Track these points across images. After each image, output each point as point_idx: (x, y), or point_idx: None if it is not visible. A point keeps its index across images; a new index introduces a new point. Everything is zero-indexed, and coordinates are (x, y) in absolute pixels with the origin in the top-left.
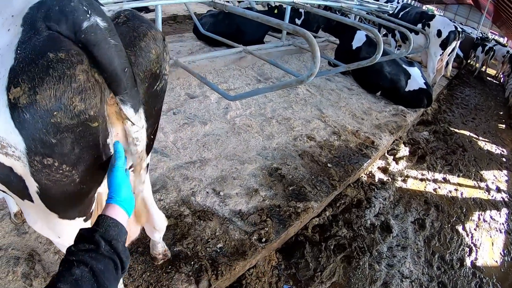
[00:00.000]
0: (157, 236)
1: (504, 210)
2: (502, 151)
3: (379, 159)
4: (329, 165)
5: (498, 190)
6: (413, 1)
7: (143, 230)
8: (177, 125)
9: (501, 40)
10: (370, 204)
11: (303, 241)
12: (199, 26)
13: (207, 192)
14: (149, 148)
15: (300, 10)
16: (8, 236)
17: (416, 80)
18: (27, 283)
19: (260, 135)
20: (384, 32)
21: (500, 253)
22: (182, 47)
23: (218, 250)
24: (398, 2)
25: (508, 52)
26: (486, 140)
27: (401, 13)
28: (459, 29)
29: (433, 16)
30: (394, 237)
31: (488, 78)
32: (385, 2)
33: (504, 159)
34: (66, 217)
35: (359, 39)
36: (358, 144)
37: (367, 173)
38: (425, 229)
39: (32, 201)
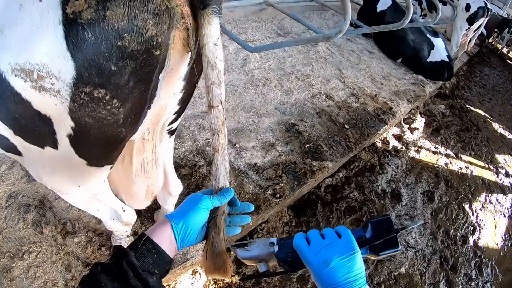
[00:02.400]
0: (171, 203)
1: (510, 195)
2: None
3: (395, 126)
4: (346, 126)
5: (507, 174)
6: None
7: None
8: (195, 110)
9: None
10: (382, 170)
11: (315, 200)
12: None
13: None
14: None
15: None
16: (19, 183)
17: (439, 51)
18: (37, 231)
19: (279, 90)
20: None
21: (502, 237)
22: None
23: None
24: None
25: None
26: (500, 122)
27: None
28: (489, 6)
29: None
30: (403, 206)
31: (508, 61)
32: None
33: None
34: (96, 164)
35: (384, 2)
36: (376, 109)
37: (382, 139)
38: (433, 202)
39: (56, 147)
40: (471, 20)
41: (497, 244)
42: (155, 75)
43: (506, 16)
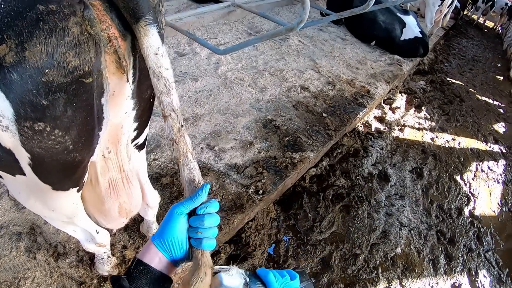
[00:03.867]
0: (151, 214)
1: (502, 161)
2: (500, 102)
3: (375, 108)
4: (324, 114)
5: (496, 140)
6: None
7: None
8: None
9: None
10: (367, 153)
11: (301, 192)
12: None
13: (202, 148)
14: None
15: None
16: (8, 213)
17: (411, 28)
18: (30, 257)
19: (253, 88)
20: None
21: (498, 203)
22: (169, 6)
23: None
24: None
25: (506, 4)
26: (483, 91)
27: None
28: None
29: None
30: (392, 186)
31: (485, 30)
32: None
33: (501, 111)
34: (60, 188)
35: None
36: (354, 94)
37: (364, 122)
38: (423, 178)
39: (24, 174)
40: None
41: (494, 212)
42: (95, 100)
43: None
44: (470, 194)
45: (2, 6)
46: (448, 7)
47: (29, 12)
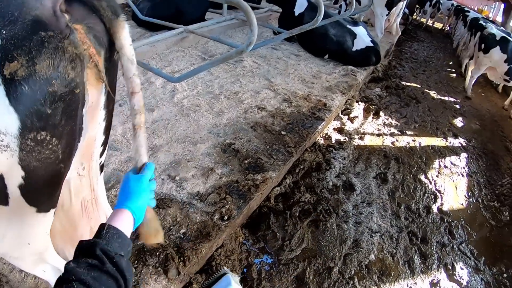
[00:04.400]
0: None
1: (463, 155)
2: (456, 99)
3: (334, 120)
4: (283, 132)
5: (455, 136)
6: None
7: None
8: (124, 117)
9: None
10: (329, 165)
11: (267, 212)
12: (137, 12)
13: (163, 179)
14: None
15: None
16: None
17: (362, 39)
18: None
19: (210, 113)
20: None
21: (465, 196)
22: None
23: (182, 236)
24: None
25: (452, 5)
26: (438, 90)
27: None
28: None
29: None
30: (358, 195)
31: (434, 32)
32: None
33: (457, 106)
34: (43, 209)
35: (300, 5)
36: (311, 108)
37: (323, 135)
38: (387, 183)
39: (7, 203)
40: (389, 5)
41: (462, 204)
42: (79, 110)
43: None
44: (436, 191)
45: (4, 33)
46: (396, 16)
47: (34, 36)
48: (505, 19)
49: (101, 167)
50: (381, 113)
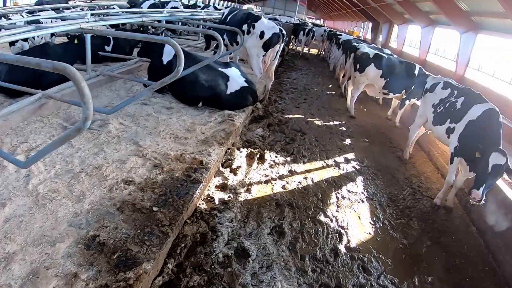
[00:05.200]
0: None
1: (359, 178)
2: (340, 121)
3: (215, 176)
4: (155, 208)
5: (347, 160)
6: (233, 3)
7: None
8: None
9: (318, 22)
10: (216, 234)
11: None
12: None
13: None
14: None
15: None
16: None
17: (235, 80)
18: None
19: (69, 199)
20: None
21: (370, 223)
22: None
23: None
24: (214, 7)
25: (325, 31)
26: (322, 116)
27: (229, 16)
28: (284, 32)
29: (258, 17)
30: (255, 260)
31: (310, 58)
32: (201, 8)
33: (343, 128)
34: None
35: (168, 53)
36: (186, 170)
37: (204, 198)
38: (285, 235)
39: None
40: (266, 46)
41: (369, 233)
42: None
43: (298, 22)
44: (340, 229)
45: None
46: (272, 60)
47: None
48: (374, 36)
49: None
50: (266, 156)
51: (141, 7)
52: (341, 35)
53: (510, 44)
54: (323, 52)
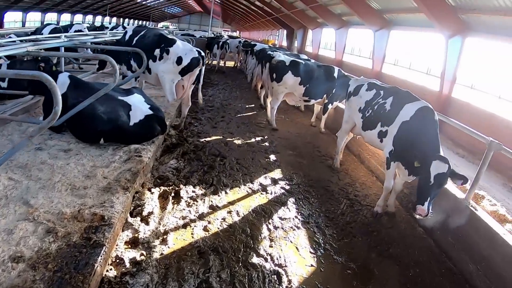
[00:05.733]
0: None
1: (290, 200)
2: (262, 136)
3: (123, 231)
4: None
5: (274, 181)
6: (147, 23)
7: None
8: None
9: (234, 34)
10: None
11: None
12: None
13: None
14: None
15: None
16: None
17: (139, 108)
18: None
19: None
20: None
21: (310, 252)
22: None
23: None
24: (123, 28)
25: (240, 42)
26: (242, 134)
27: (136, 38)
28: (202, 54)
29: (172, 41)
30: None
31: (226, 71)
32: (109, 30)
33: (267, 144)
34: None
35: (61, 84)
36: (84, 231)
37: (112, 261)
38: None
39: None
40: (184, 72)
41: (311, 265)
42: None
43: (212, 35)
44: (277, 268)
45: None
46: (194, 83)
47: None
48: (289, 43)
49: None
50: (183, 193)
51: (42, 33)
52: (255, 44)
53: (423, 36)
54: (239, 64)
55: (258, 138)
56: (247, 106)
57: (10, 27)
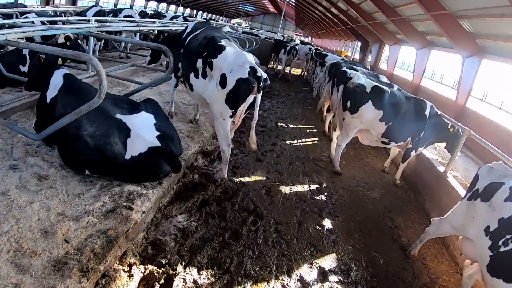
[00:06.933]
0: None
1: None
2: (319, 183)
3: None
4: None
5: (322, 275)
6: (214, 15)
7: None
8: None
9: (306, 39)
10: None
11: None
12: None
13: None
14: None
15: (24, 52)
16: None
17: (141, 136)
18: None
19: None
20: None
21: None
22: None
23: None
24: (184, 18)
25: (310, 49)
26: (293, 176)
27: (189, 37)
28: (259, 73)
29: (221, 47)
30: None
31: (291, 80)
32: (170, 19)
33: (323, 197)
34: None
35: (54, 85)
36: None
37: None
38: None
39: None
40: (233, 101)
41: None
42: None
43: (282, 38)
44: None
45: None
46: (246, 112)
47: None
48: (362, 56)
49: None
50: (177, 282)
51: (86, 15)
52: (327, 55)
53: None
54: (306, 73)
55: (313, 187)
56: (307, 130)
57: (83, 5)
